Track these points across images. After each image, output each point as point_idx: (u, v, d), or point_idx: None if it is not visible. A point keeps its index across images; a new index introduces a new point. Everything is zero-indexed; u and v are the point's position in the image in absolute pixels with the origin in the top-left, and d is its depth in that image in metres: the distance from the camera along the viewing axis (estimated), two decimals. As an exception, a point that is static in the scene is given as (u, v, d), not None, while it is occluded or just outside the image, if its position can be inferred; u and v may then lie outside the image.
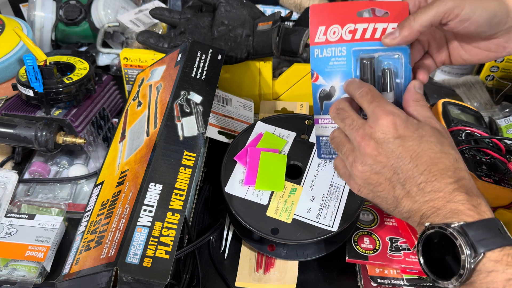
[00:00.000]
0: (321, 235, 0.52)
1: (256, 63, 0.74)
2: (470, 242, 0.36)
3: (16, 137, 0.64)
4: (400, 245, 0.55)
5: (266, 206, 0.54)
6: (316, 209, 0.54)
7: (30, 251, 0.56)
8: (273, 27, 0.71)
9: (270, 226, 0.52)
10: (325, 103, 0.53)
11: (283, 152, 0.59)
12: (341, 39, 0.51)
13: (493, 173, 0.60)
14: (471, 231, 0.37)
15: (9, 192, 0.63)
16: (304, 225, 0.52)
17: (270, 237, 0.52)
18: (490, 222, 0.38)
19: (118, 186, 0.53)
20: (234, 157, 0.58)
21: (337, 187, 0.56)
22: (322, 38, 0.51)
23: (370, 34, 0.50)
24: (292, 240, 0.52)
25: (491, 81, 0.86)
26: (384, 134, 0.43)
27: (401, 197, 0.43)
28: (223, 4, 0.75)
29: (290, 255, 0.56)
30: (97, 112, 0.71)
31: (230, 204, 0.54)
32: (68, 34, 0.91)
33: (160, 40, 0.75)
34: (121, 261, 0.43)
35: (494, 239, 0.37)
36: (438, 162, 0.42)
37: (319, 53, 0.52)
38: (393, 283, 0.54)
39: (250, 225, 0.53)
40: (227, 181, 0.56)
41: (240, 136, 0.61)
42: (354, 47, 0.50)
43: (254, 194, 0.55)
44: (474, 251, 0.36)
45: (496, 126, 0.72)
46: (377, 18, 0.50)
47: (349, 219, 0.53)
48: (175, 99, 0.57)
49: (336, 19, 0.50)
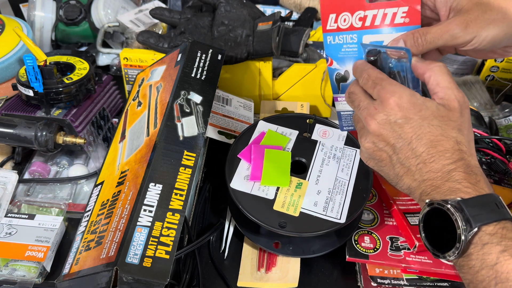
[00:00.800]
0: (330, 227, 0.52)
1: (256, 63, 0.74)
2: (466, 217, 0.38)
3: (16, 137, 0.64)
4: (401, 245, 0.55)
5: (272, 200, 0.54)
6: (323, 202, 0.54)
7: (30, 251, 0.56)
8: (273, 27, 0.71)
9: (278, 220, 0.52)
10: (342, 85, 0.55)
11: (286, 149, 0.59)
12: (351, 27, 0.52)
13: (493, 173, 0.60)
14: (467, 207, 0.39)
15: (9, 192, 0.63)
16: (311, 218, 0.52)
17: (278, 231, 0.52)
18: (487, 198, 0.40)
19: (118, 186, 0.53)
20: (238, 155, 0.58)
21: (342, 181, 0.56)
22: (333, 25, 0.53)
23: (380, 20, 0.50)
24: (301, 233, 0.52)
25: (491, 81, 0.86)
26: (387, 115, 0.45)
27: (401, 174, 0.46)
28: (223, 4, 0.75)
29: (296, 251, 0.56)
30: (97, 112, 0.71)
31: (236, 199, 0.54)
32: (68, 34, 0.91)
33: (160, 40, 0.75)
34: (121, 261, 0.43)
35: (490, 214, 0.38)
36: (437, 145, 0.43)
37: (332, 40, 0.53)
38: (393, 283, 0.54)
39: (258, 219, 0.52)
40: (232, 177, 0.56)
41: (242, 135, 0.61)
42: (364, 34, 0.52)
43: (260, 189, 0.55)
44: (470, 225, 0.38)
45: (496, 126, 0.72)
46: (387, 3, 0.50)
47: (355, 211, 0.53)
48: (175, 99, 0.57)
49: (346, 6, 0.51)
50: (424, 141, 0.43)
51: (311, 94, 0.76)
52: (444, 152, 0.43)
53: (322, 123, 0.63)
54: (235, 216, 0.59)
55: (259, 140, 0.60)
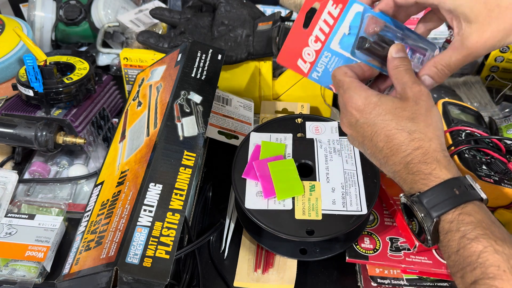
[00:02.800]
0: (355, 221, 0.52)
1: (256, 63, 0.74)
2: (426, 210, 0.40)
3: (16, 137, 0.64)
4: (400, 245, 0.55)
5: (292, 210, 0.53)
6: (340, 198, 0.54)
7: (30, 251, 0.56)
8: (273, 27, 0.71)
9: (304, 228, 0.52)
10: None
11: (287, 155, 0.59)
12: (317, 52, 0.55)
13: (493, 173, 0.60)
14: (425, 199, 0.41)
15: (9, 192, 0.63)
16: (335, 217, 0.52)
17: (308, 239, 0.51)
18: (443, 186, 0.41)
19: (118, 186, 0.53)
20: (242, 175, 0.57)
21: (351, 173, 0.56)
22: (306, 65, 0.56)
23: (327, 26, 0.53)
24: (331, 234, 0.51)
25: (491, 81, 0.86)
26: (348, 119, 0.49)
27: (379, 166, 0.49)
28: (223, 4, 0.75)
29: (324, 251, 0.55)
30: (97, 112, 0.71)
31: (257, 219, 0.53)
32: (68, 34, 0.91)
33: (160, 40, 0.75)
34: (121, 261, 0.43)
35: (447, 202, 0.40)
36: (392, 139, 0.45)
37: (317, 75, 0.57)
38: (393, 283, 0.54)
39: (285, 233, 0.51)
40: (244, 198, 0.55)
41: (239, 151, 0.60)
42: (330, 44, 0.54)
43: (276, 203, 0.54)
44: (430, 217, 0.40)
45: (496, 126, 0.72)
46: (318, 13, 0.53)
47: (372, 199, 0.53)
48: (175, 99, 0.57)
49: (299, 46, 0.55)
50: (381, 136, 0.46)
51: (311, 94, 0.76)
52: (399, 145, 0.45)
53: (311, 120, 0.63)
54: (255, 236, 0.57)
55: (257, 154, 0.59)
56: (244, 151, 0.60)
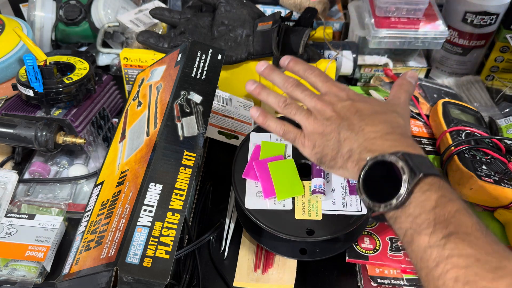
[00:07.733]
0: (355, 221, 0.52)
1: (256, 63, 0.74)
2: (410, 166, 0.40)
3: (16, 137, 0.64)
4: (400, 245, 0.55)
5: (292, 210, 0.53)
6: (340, 198, 0.54)
7: (30, 251, 0.56)
8: (273, 27, 0.71)
9: (304, 228, 0.52)
10: None
11: (287, 155, 0.59)
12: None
13: (493, 173, 0.60)
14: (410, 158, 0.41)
15: (9, 192, 0.63)
16: (335, 217, 0.52)
17: (308, 239, 0.51)
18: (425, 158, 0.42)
19: (118, 186, 0.53)
20: (242, 175, 0.57)
21: None
22: None
23: None
24: (331, 234, 0.51)
25: (491, 81, 0.86)
26: None
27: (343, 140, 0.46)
28: (223, 4, 0.75)
29: (323, 252, 0.56)
30: (97, 112, 0.71)
31: (257, 219, 0.53)
32: (68, 34, 0.91)
33: (160, 40, 0.75)
34: (121, 261, 0.43)
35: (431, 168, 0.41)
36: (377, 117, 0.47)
37: None
38: (393, 283, 0.54)
39: (284, 233, 0.51)
40: (244, 198, 0.55)
41: (239, 151, 0.60)
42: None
43: (277, 203, 0.54)
44: (414, 173, 0.39)
45: (496, 126, 0.72)
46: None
47: None
48: (175, 99, 0.57)
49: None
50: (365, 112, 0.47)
51: (311, 94, 0.76)
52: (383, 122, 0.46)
53: None
54: (255, 236, 0.58)
55: (257, 155, 0.59)
56: (244, 151, 0.60)
